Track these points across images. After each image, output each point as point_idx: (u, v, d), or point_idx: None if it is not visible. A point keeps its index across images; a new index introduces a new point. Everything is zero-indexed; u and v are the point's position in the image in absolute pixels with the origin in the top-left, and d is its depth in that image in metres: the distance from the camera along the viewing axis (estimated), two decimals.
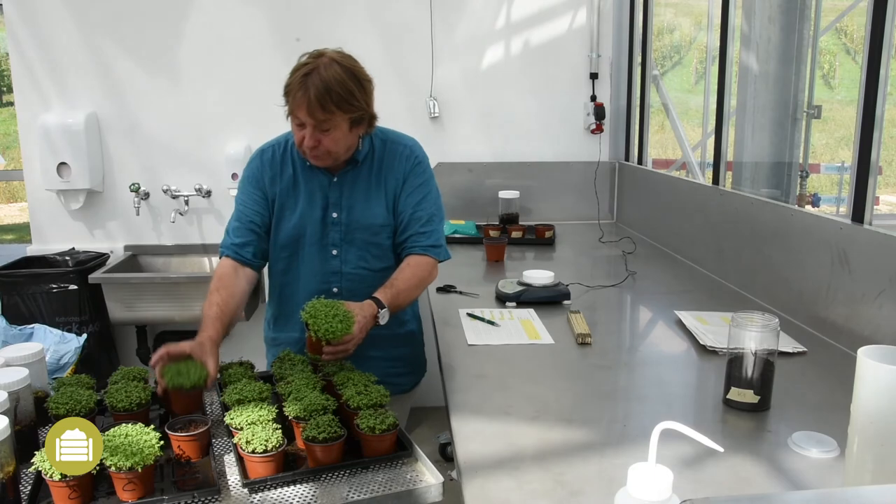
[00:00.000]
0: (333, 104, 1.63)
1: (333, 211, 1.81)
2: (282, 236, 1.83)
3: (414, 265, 1.79)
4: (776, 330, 1.33)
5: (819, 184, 8.15)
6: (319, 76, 1.63)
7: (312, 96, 1.61)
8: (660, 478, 0.79)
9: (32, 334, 2.14)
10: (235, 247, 1.80)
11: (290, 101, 1.67)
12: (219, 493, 1.21)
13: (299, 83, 1.63)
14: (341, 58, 1.70)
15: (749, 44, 2.97)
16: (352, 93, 1.66)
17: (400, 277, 1.75)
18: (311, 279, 1.83)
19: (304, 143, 1.69)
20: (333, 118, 1.65)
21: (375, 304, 1.64)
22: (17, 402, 1.30)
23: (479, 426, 1.32)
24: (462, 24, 3.39)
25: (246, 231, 1.81)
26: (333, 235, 1.82)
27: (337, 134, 1.68)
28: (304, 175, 1.82)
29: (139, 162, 3.37)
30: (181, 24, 3.28)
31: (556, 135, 3.51)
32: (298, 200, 1.82)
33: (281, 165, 1.84)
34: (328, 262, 1.82)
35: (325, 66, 1.65)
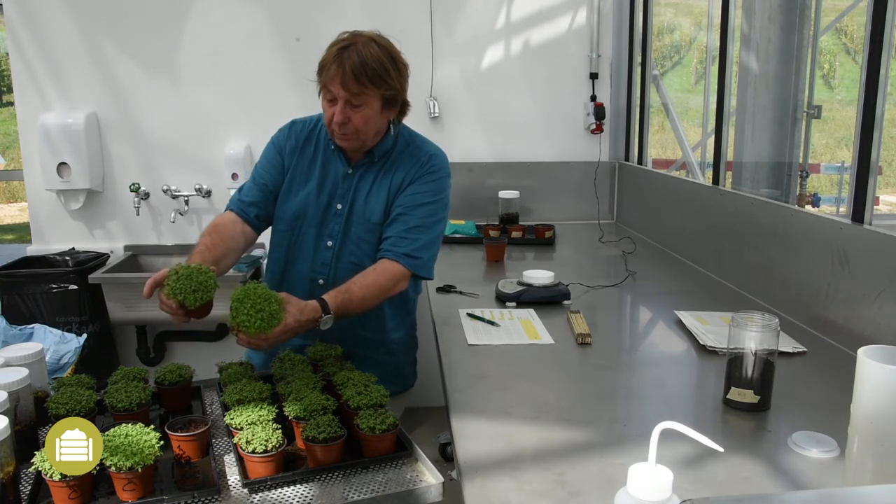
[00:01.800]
0: (367, 78, 1.62)
1: (339, 202, 1.80)
2: (285, 209, 1.82)
3: (379, 272, 1.70)
4: (776, 330, 1.33)
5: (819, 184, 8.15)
6: (357, 51, 1.63)
7: (348, 69, 1.61)
8: (660, 478, 0.79)
9: (32, 334, 2.14)
10: (242, 204, 1.81)
11: (324, 75, 1.65)
12: (219, 493, 1.21)
13: (335, 56, 1.63)
14: (379, 38, 1.70)
15: (749, 44, 2.97)
16: (387, 70, 1.65)
17: (358, 283, 1.66)
18: (302, 263, 1.82)
19: (333, 119, 1.68)
20: (366, 93, 1.64)
21: (321, 307, 1.57)
22: (17, 402, 1.30)
23: (479, 426, 1.32)
24: (462, 24, 3.39)
25: (257, 191, 1.81)
26: (333, 226, 1.80)
27: (368, 112, 1.67)
28: (322, 158, 1.82)
29: (139, 162, 3.37)
30: (181, 24, 3.28)
31: (556, 135, 3.51)
32: (310, 180, 1.81)
33: (305, 140, 1.84)
34: (321, 252, 1.81)
35: (364, 43, 1.65)
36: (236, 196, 1.84)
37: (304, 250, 1.82)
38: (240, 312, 1.43)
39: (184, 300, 1.45)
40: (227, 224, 1.78)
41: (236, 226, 1.79)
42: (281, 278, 1.85)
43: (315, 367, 1.61)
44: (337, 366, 1.60)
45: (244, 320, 1.43)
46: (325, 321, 1.58)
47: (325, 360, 1.63)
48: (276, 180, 1.83)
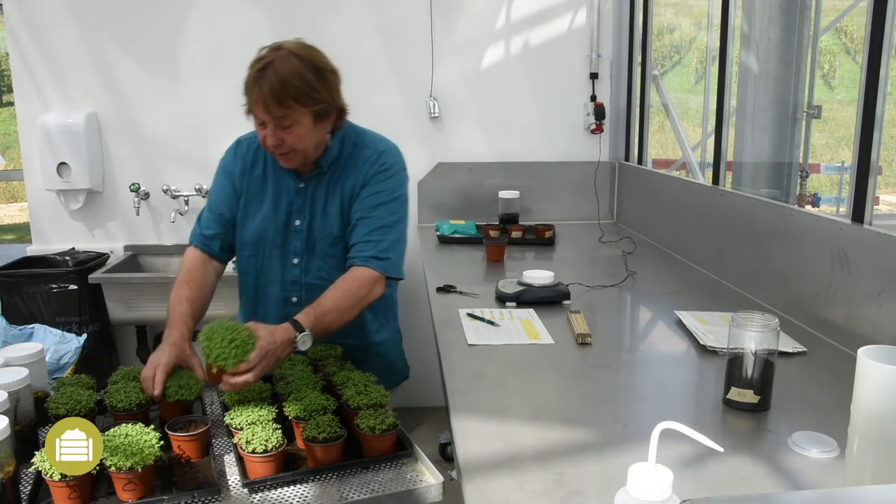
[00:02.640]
0: (291, 98, 1.54)
1: (297, 218, 1.75)
2: (245, 234, 1.79)
3: (350, 280, 1.64)
4: (776, 330, 1.33)
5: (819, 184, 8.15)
6: (275, 70, 1.54)
7: (268, 92, 1.53)
8: (660, 478, 0.79)
9: (32, 334, 2.14)
10: (204, 238, 1.78)
11: (248, 99, 1.60)
12: (219, 493, 1.21)
13: (254, 79, 1.56)
14: (300, 49, 1.60)
15: (749, 44, 2.97)
16: (311, 85, 1.56)
17: (329, 296, 1.59)
18: (272, 285, 1.79)
19: (266, 142, 1.62)
20: (293, 113, 1.56)
21: (294, 327, 1.49)
22: (17, 402, 1.30)
23: (479, 426, 1.32)
24: (462, 24, 3.39)
25: (216, 222, 1.79)
26: (295, 243, 1.76)
27: (300, 130, 1.60)
28: (273, 176, 1.77)
29: (139, 162, 3.37)
30: (181, 24, 3.28)
31: (556, 135, 3.51)
32: (264, 201, 1.77)
33: (252, 161, 1.79)
34: (289, 271, 1.78)
35: (282, 58, 1.55)
36: (197, 229, 1.81)
37: (271, 271, 1.79)
38: (212, 348, 1.37)
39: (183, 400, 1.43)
40: (198, 267, 1.74)
41: (206, 266, 1.76)
42: (254, 302, 1.84)
43: (315, 367, 1.61)
44: (337, 366, 1.60)
45: (220, 353, 1.36)
46: (303, 339, 1.49)
47: (325, 360, 1.64)
48: (232, 208, 1.79)
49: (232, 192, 1.79)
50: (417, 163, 3.43)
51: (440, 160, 3.44)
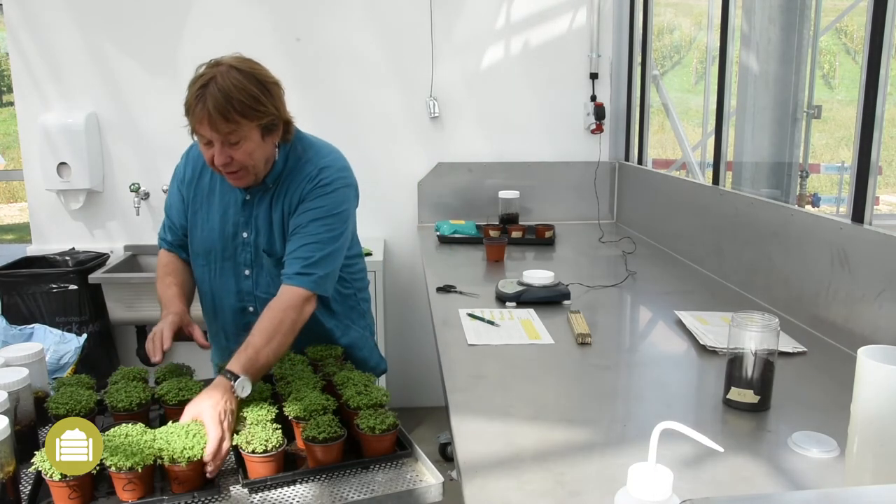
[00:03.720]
0: (237, 113, 1.48)
1: (244, 231, 1.72)
2: (195, 243, 1.78)
3: (276, 308, 1.55)
4: (776, 330, 1.33)
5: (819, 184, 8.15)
6: (217, 85, 1.48)
7: (212, 108, 1.46)
8: (660, 478, 0.79)
9: (32, 334, 2.14)
10: (167, 243, 1.83)
11: (191, 119, 1.52)
12: (219, 493, 1.21)
13: (196, 97, 1.49)
14: (240, 63, 1.55)
15: (749, 44, 2.97)
16: (256, 98, 1.51)
17: (256, 331, 1.49)
18: (227, 296, 1.77)
19: (214, 161, 1.55)
20: (240, 129, 1.51)
21: (227, 376, 1.37)
22: (17, 402, 1.30)
23: (479, 426, 1.32)
24: (462, 24, 3.39)
25: (169, 229, 1.83)
26: (245, 255, 1.73)
27: (248, 146, 1.54)
28: (221, 187, 1.73)
29: (139, 162, 3.37)
30: (181, 24, 3.28)
31: (556, 135, 3.51)
32: (212, 212, 1.74)
33: (202, 169, 1.74)
34: (242, 282, 1.76)
35: (223, 73, 1.50)
36: (162, 233, 1.85)
37: (225, 282, 1.76)
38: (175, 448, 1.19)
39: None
40: (173, 261, 1.82)
41: (181, 261, 1.83)
42: (213, 311, 1.82)
43: (315, 367, 1.61)
44: (337, 366, 1.60)
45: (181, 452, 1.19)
46: (240, 385, 1.37)
47: (325, 360, 1.64)
48: (180, 217, 1.80)
49: (180, 201, 1.79)
50: (417, 163, 3.44)
51: (440, 160, 3.44)
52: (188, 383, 1.46)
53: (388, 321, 3.38)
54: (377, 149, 3.39)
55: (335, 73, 3.31)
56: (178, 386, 1.44)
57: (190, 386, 1.45)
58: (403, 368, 3.44)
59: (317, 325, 1.72)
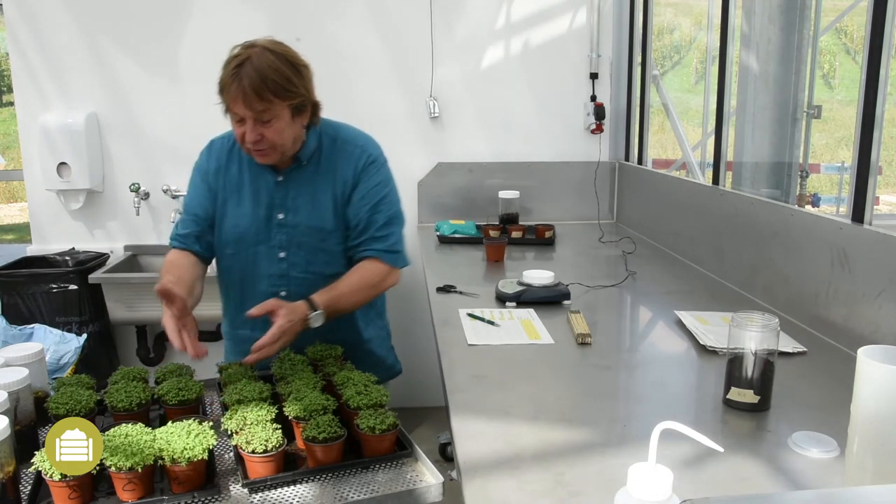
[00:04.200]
0: (270, 92, 1.57)
1: (279, 212, 1.77)
2: (225, 232, 1.80)
3: (364, 270, 1.75)
4: (776, 330, 1.33)
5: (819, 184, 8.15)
6: (252, 65, 1.57)
7: (247, 86, 1.55)
8: (660, 478, 0.79)
9: (32, 334, 2.14)
10: (181, 238, 1.79)
11: (226, 96, 1.61)
12: (219, 493, 1.21)
13: (232, 75, 1.58)
14: (274, 45, 1.64)
15: (749, 44, 2.97)
16: (289, 79, 1.60)
17: (345, 281, 1.70)
18: (259, 281, 1.79)
19: (245, 139, 1.64)
20: (272, 107, 1.59)
21: (309, 305, 1.60)
22: (17, 402, 1.30)
23: (479, 426, 1.32)
24: (462, 24, 3.39)
25: (190, 222, 1.80)
26: (280, 237, 1.77)
27: (279, 124, 1.63)
28: (250, 173, 1.78)
29: (139, 162, 3.37)
30: (181, 24, 3.28)
31: (556, 135, 3.51)
32: (243, 197, 1.78)
33: (227, 159, 1.81)
34: (275, 265, 1.79)
35: (258, 55, 1.58)
36: (175, 232, 1.82)
37: (258, 267, 1.79)
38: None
39: None
40: (177, 259, 1.76)
41: (188, 258, 1.77)
42: (240, 301, 1.82)
43: (315, 367, 1.61)
44: (337, 366, 1.60)
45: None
46: (315, 318, 1.59)
47: (325, 360, 1.64)
48: (208, 208, 1.80)
49: (207, 191, 1.80)
50: (417, 163, 3.44)
51: (440, 160, 3.44)
52: (188, 383, 1.46)
53: (388, 321, 3.37)
54: None
55: (335, 73, 3.31)
56: (178, 386, 1.44)
57: (190, 386, 1.45)
58: (404, 368, 3.44)
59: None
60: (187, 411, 1.43)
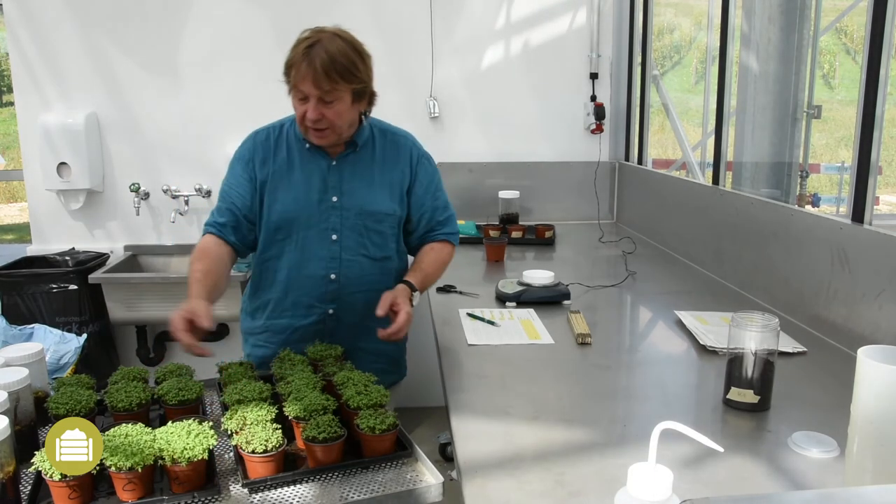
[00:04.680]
0: (338, 74, 1.64)
1: (333, 195, 1.80)
2: (274, 216, 1.80)
3: (437, 249, 1.92)
4: (776, 330, 1.33)
5: (819, 184, 8.15)
6: (323, 47, 1.65)
7: (318, 66, 1.62)
8: (660, 478, 0.79)
9: (32, 334, 2.14)
10: (219, 225, 1.79)
11: (294, 75, 1.67)
12: (219, 493, 1.21)
13: (303, 55, 1.65)
14: (342, 32, 1.73)
15: (749, 44, 2.97)
16: (355, 64, 1.68)
17: (426, 261, 1.87)
18: (311, 263, 1.81)
19: (306, 117, 1.69)
20: (338, 89, 1.66)
21: (410, 287, 1.74)
22: (17, 402, 1.30)
23: (479, 426, 1.32)
24: (462, 24, 3.39)
25: (227, 211, 1.80)
26: (333, 220, 1.80)
27: (340, 106, 1.69)
28: (300, 157, 1.82)
29: (139, 162, 3.37)
30: (181, 24, 3.28)
31: (556, 135, 3.51)
32: (293, 182, 1.80)
33: (275, 147, 1.83)
34: (327, 247, 1.80)
35: (329, 39, 1.67)
36: (211, 218, 1.82)
37: (310, 249, 1.81)
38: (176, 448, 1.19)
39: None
40: (211, 247, 1.76)
41: (221, 247, 1.77)
42: (287, 287, 1.83)
43: (315, 367, 1.61)
44: (337, 366, 1.60)
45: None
46: (415, 297, 1.74)
47: (325, 360, 1.64)
48: (245, 198, 1.80)
49: (247, 181, 1.81)
50: None
51: (440, 160, 3.40)
52: (188, 383, 1.46)
53: None
54: None
55: None
56: (178, 386, 1.44)
57: (190, 386, 1.45)
58: None
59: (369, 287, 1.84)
60: (187, 411, 1.42)
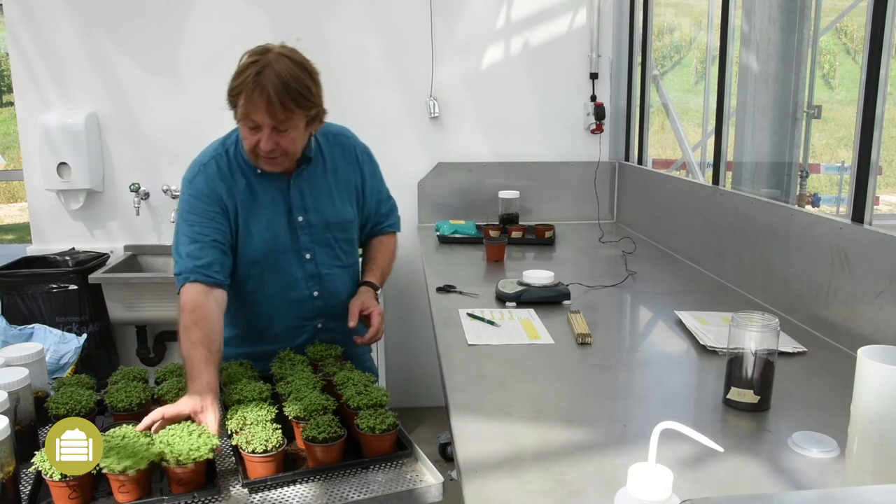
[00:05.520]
0: (292, 102, 1.53)
1: (298, 215, 1.74)
2: (252, 251, 1.71)
3: (386, 242, 1.95)
4: (776, 330, 1.33)
5: (819, 184, 8.15)
6: (274, 72, 1.52)
7: (272, 93, 1.50)
8: (660, 478, 0.79)
9: (32, 334, 2.14)
10: (201, 269, 1.59)
11: (244, 104, 1.54)
12: (219, 493, 1.21)
13: (253, 83, 1.52)
14: (289, 52, 1.60)
15: (749, 44, 2.97)
16: (308, 88, 1.57)
17: (379, 257, 1.91)
18: (294, 288, 1.77)
19: (259, 146, 1.58)
20: (293, 117, 1.56)
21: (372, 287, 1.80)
22: (17, 402, 1.30)
23: (479, 426, 1.32)
24: (462, 24, 3.39)
25: (209, 249, 1.62)
26: (303, 239, 1.75)
27: (294, 133, 1.60)
28: (258, 183, 1.71)
29: (139, 162, 3.37)
30: (181, 23, 3.28)
31: (556, 135, 3.51)
32: (261, 212, 1.71)
33: (231, 176, 1.69)
34: (303, 267, 1.77)
35: (276, 60, 1.54)
36: (188, 264, 1.60)
37: (289, 274, 1.76)
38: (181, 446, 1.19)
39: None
40: (202, 303, 1.55)
41: (209, 298, 1.57)
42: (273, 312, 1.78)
43: (315, 367, 1.61)
44: (337, 366, 1.60)
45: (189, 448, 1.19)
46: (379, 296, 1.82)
47: (325, 360, 1.64)
48: (225, 232, 1.67)
49: (220, 214, 1.66)
50: (417, 163, 3.44)
51: (440, 160, 3.44)
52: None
53: (389, 321, 3.37)
54: (377, 149, 3.33)
55: (335, 73, 3.30)
56: (178, 386, 1.44)
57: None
58: (403, 368, 3.45)
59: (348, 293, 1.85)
60: None
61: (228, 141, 1.74)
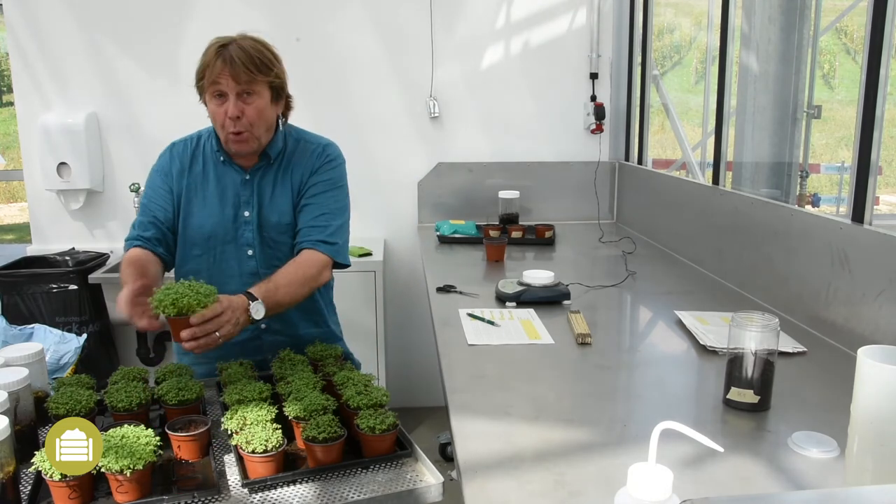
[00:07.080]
0: (255, 67, 1.65)
1: (245, 210, 1.78)
2: (190, 232, 1.78)
3: (300, 261, 1.71)
4: (776, 330, 1.33)
5: (819, 184, 8.15)
6: (237, 45, 1.67)
7: (236, 58, 1.63)
8: (660, 478, 0.79)
9: (32, 334, 2.14)
10: (143, 238, 1.75)
11: (209, 74, 1.68)
12: (219, 493, 1.21)
13: (216, 54, 1.66)
14: (252, 35, 1.75)
15: (749, 44, 2.97)
16: (270, 59, 1.69)
17: (281, 273, 1.66)
18: (231, 281, 1.77)
19: (227, 115, 1.68)
20: (256, 82, 1.66)
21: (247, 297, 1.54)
22: (17, 402, 1.30)
23: (479, 426, 1.32)
24: (462, 24, 3.39)
25: (150, 225, 1.76)
26: (248, 235, 1.78)
27: (260, 102, 1.69)
28: (215, 171, 1.80)
29: (139, 162, 3.36)
30: (181, 24, 3.28)
31: (556, 135, 3.51)
32: (208, 196, 1.79)
33: (191, 159, 1.83)
34: (245, 263, 1.79)
35: (240, 38, 1.70)
36: (134, 233, 1.76)
37: (228, 266, 1.79)
38: (169, 293, 1.39)
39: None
40: (138, 256, 1.70)
41: (149, 255, 1.73)
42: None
43: (315, 367, 1.61)
44: (337, 366, 1.60)
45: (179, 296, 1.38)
46: (255, 308, 1.52)
47: (325, 360, 1.64)
48: (167, 210, 1.78)
49: (167, 193, 1.79)
50: (417, 163, 3.44)
51: (440, 160, 3.44)
52: (188, 383, 1.46)
53: (388, 321, 3.38)
54: (377, 149, 3.40)
55: (335, 73, 3.31)
56: (178, 386, 1.44)
57: (190, 386, 1.45)
58: (403, 368, 3.45)
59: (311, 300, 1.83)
60: (187, 411, 1.43)
61: (206, 130, 1.86)
